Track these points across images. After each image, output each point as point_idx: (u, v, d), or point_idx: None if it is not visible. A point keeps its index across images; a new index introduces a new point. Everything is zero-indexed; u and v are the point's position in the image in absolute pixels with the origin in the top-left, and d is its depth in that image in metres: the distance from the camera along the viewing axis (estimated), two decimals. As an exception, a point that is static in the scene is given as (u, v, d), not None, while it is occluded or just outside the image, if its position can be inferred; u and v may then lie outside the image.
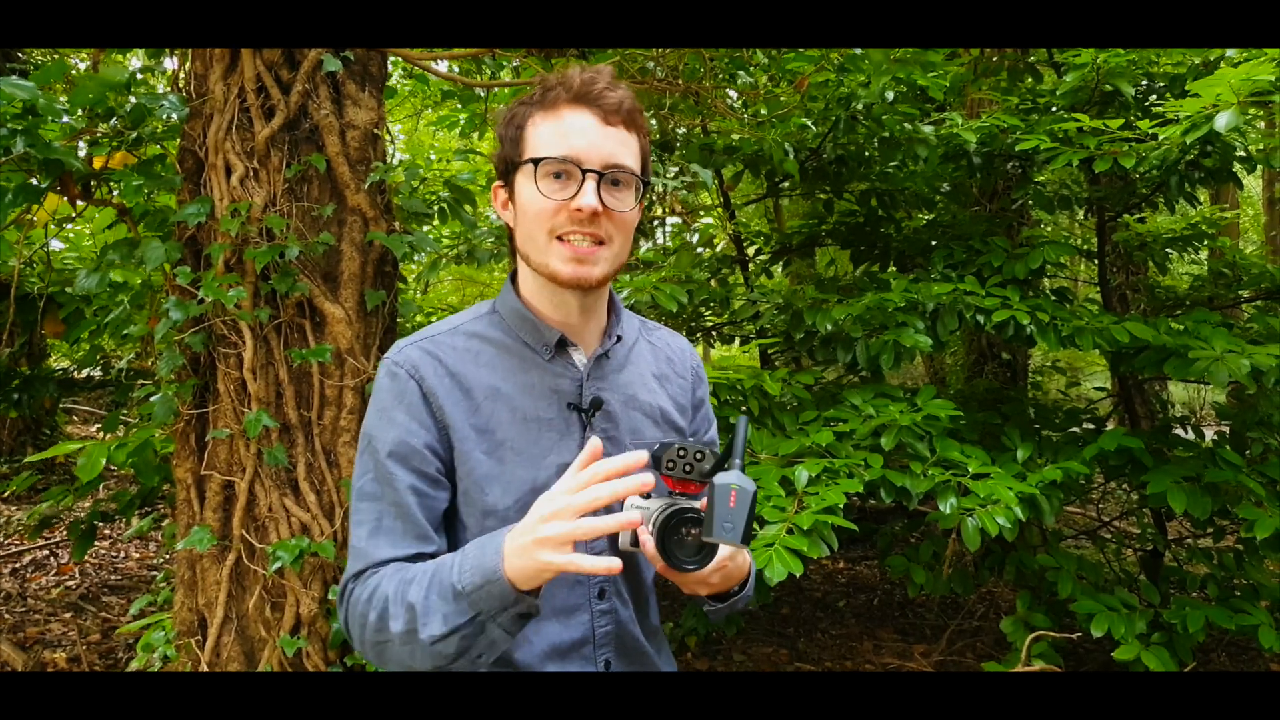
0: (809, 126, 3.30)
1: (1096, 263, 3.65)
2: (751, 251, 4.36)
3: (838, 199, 3.85)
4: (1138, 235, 3.82)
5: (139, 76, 2.33)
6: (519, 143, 1.07)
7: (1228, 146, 2.85)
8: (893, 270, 3.69)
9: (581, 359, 1.12)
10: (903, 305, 2.79)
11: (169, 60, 2.91)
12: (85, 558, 4.16)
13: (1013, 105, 3.33)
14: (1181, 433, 3.20)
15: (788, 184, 3.87)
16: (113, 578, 4.21)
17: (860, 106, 3.15)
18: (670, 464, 1.04)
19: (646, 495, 1.08)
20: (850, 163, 3.54)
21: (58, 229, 2.93)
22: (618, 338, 1.15)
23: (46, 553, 4.49)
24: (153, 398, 2.35)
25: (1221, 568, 2.86)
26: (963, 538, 2.30)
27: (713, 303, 3.66)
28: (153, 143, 2.38)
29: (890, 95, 3.02)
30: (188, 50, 2.41)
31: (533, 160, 1.03)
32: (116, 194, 2.43)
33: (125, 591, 3.99)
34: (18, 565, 4.34)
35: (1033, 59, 3.86)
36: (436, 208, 2.78)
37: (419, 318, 3.48)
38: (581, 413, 1.10)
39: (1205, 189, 3.97)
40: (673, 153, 3.50)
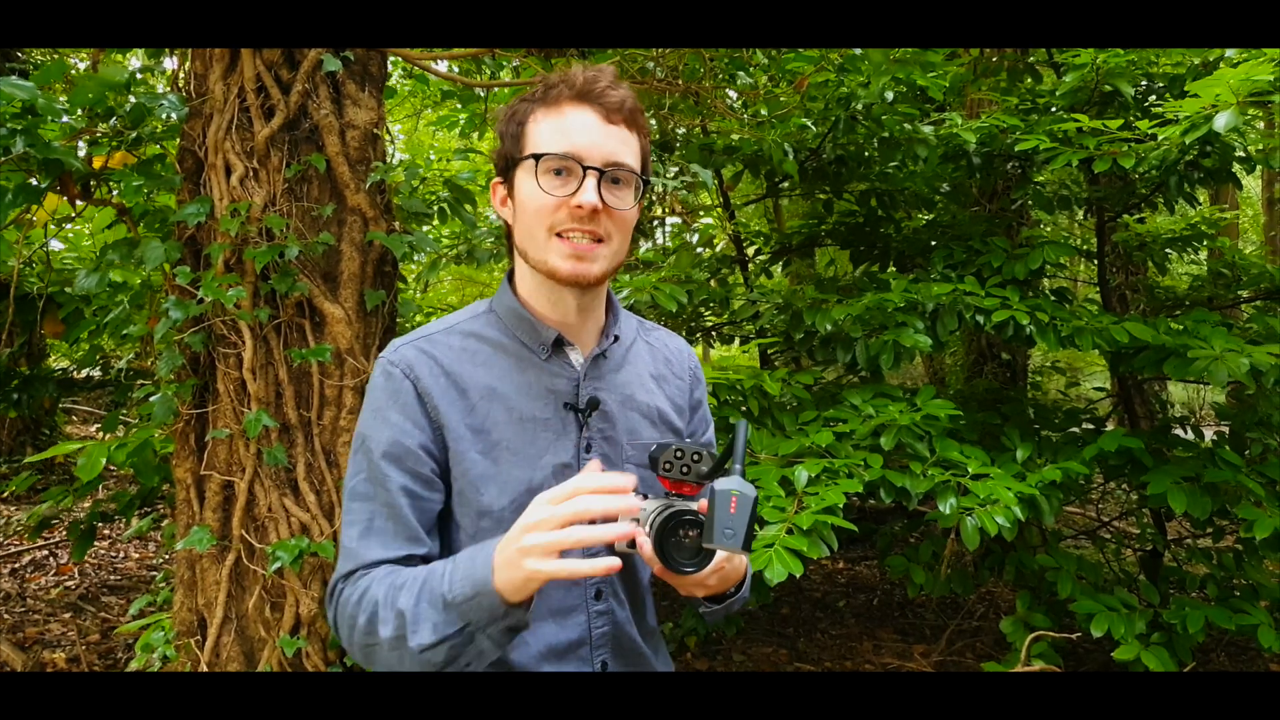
0: (809, 127, 3.30)
1: (1096, 263, 3.65)
2: (751, 251, 4.36)
3: (837, 199, 3.85)
4: (1137, 235, 3.82)
5: (138, 76, 2.33)
6: (520, 139, 1.07)
7: (1227, 147, 2.85)
8: (892, 270, 3.69)
9: (578, 358, 1.12)
10: (902, 305, 2.79)
11: (168, 60, 2.91)
12: (84, 558, 4.15)
13: (1012, 105, 3.33)
14: (1181, 433, 3.20)
15: (787, 184, 3.87)
16: (112, 578, 4.21)
17: (860, 106, 3.15)
18: (667, 465, 1.04)
19: (643, 496, 1.08)
20: (850, 163, 3.54)
21: (57, 229, 2.92)
22: (615, 337, 1.14)
23: (46, 553, 4.49)
24: (152, 398, 2.35)
25: (1221, 568, 2.86)
26: (962, 537, 2.30)
27: (712, 303, 3.66)
28: (152, 142, 2.37)
29: (890, 95, 3.02)
30: (187, 50, 2.41)
31: (534, 156, 1.03)
32: (116, 194, 2.43)
33: (125, 592, 3.99)
34: (17, 565, 4.33)
35: (1032, 59, 3.86)
36: (436, 208, 2.78)
37: (419, 317, 3.48)
38: (578, 412, 1.10)
39: (1204, 189, 3.97)
40: (672, 153, 3.50)
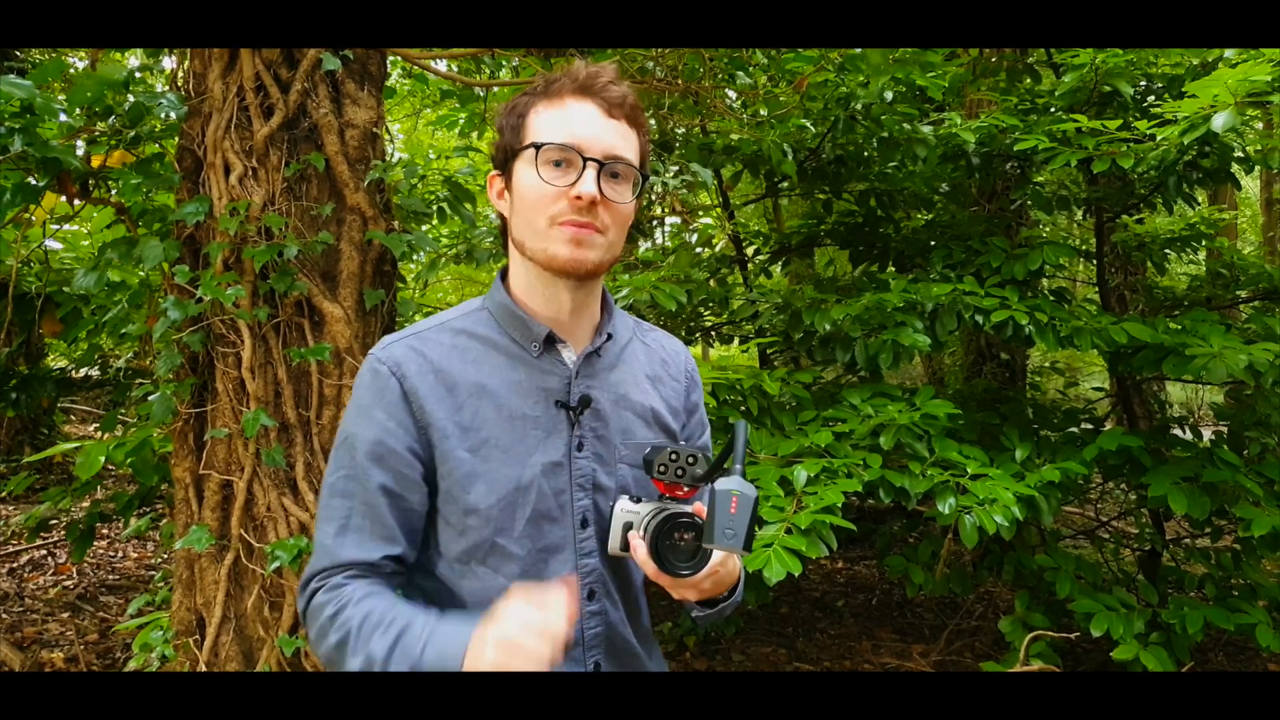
0: (808, 127, 3.29)
1: (1095, 263, 3.66)
2: (750, 251, 4.36)
3: (836, 199, 3.85)
4: (1136, 236, 3.83)
5: (137, 75, 2.32)
6: (520, 130, 1.07)
7: (1225, 147, 2.85)
8: (891, 270, 3.69)
9: (571, 356, 1.11)
10: (901, 305, 2.79)
11: (167, 59, 2.91)
12: (83, 558, 4.15)
13: (1011, 105, 3.33)
14: (1179, 433, 3.21)
15: (786, 184, 3.87)
16: (110, 578, 4.21)
17: (859, 106, 3.15)
18: (662, 468, 1.04)
19: (636, 500, 1.08)
20: (849, 163, 3.54)
21: (56, 228, 2.92)
22: (608, 335, 1.14)
23: (44, 552, 4.49)
24: (151, 397, 2.34)
25: (1219, 567, 2.86)
26: (960, 536, 2.30)
27: (712, 302, 3.67)
28: (151, 141, 2.37)
29: (889, 95, 3.02)
30: (186, 49, 2.40)
31: (534, 145, 1.03)
32: (115, 193, 2.42)
33: (123, 591, 3.98)
34: (15, 565, 4.33)
35: (1031, 59, 3.86)
36: (435, 207, 2.78)
37: (418, 317, 3.47)
38: (569, 410, 1.09)
39: (1203, 189, 3.97)
40: (672, 152, 3.50)
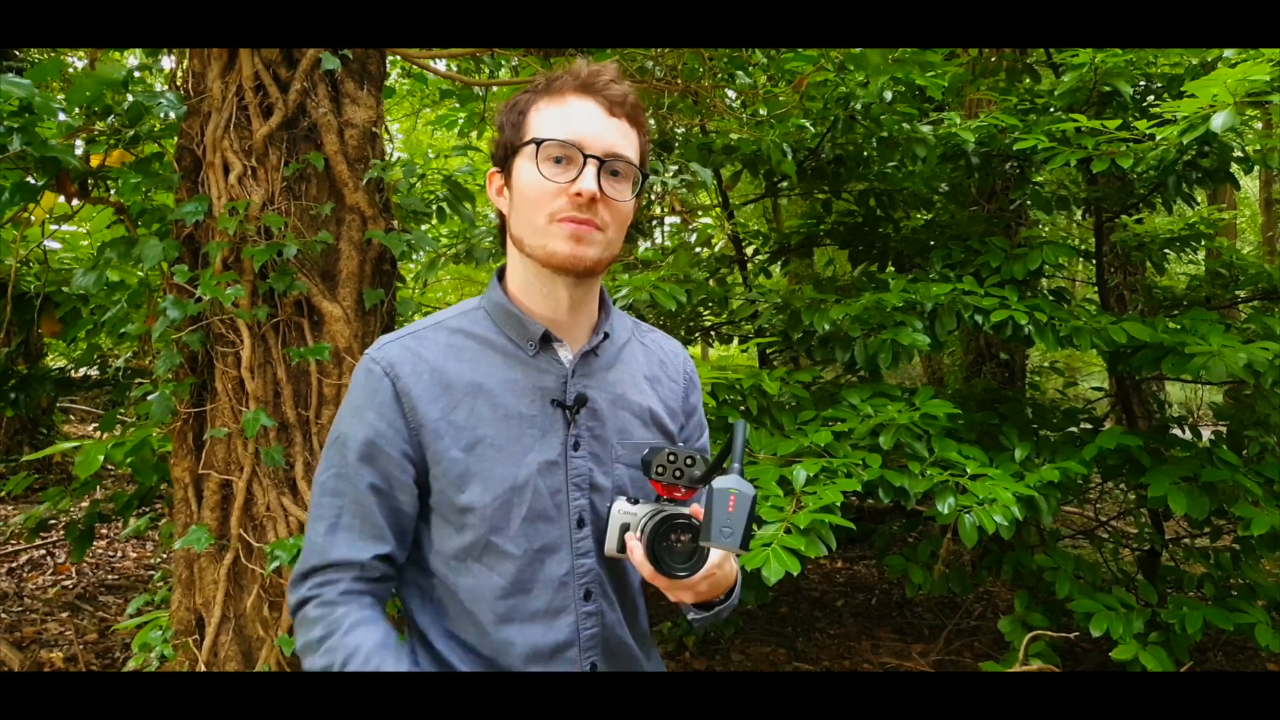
0: (807, 126, 3.29)
1: (1094, 263, 3.66)
2: (750, 251, 4.37)
3: (836, 199, 3.85)
4: (1135, 235, 3.83)
5: (136, 74, 2.32)
6: (521, 126, 1.07)
7: (1225, 147, 2.85)
8: (891, 270, 3.69)
9: (568, 355, 1.11)
10: (901, 305, 2.79)
11: (166, 58, 2.91)
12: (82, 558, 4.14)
13: (1011, 105, 3.33)
14: (1179, 432, 3.21)
15: (786, 184, 3.87)
16: (110, 577, 4.20)
17: (859, 106, 3.15)
18: (660, 469, 1.03)
19: (634, 501, 1.07)
20: (848, 162, 3.54)
21: (55, 228, 2.92)
22: (605, 335, 1.13)
23: (43, 552, 4.49)
24: (150, 397, 2.34)
25: (1218, 567, 2.86)
26: (960, 535, 2.31)
27: (711, 302, 3.67)
28: (150, 141, 2.37)
29: (889, 95, 3.02)
30: (185, 49, 2.40)
31: (535, 141, 1.03)
32: (114, 192, 2.42)
33: (122, 591, 3.98)
34: (14, 565, 4.33)
35: (1031, 59, 3.86)
36: (435, 206, 2.78)
37: (417, 316, 3.47)
38: (565, 409, 1.09)
39: (1202, 189, 3.97)
40: (671, 152, 3.50)
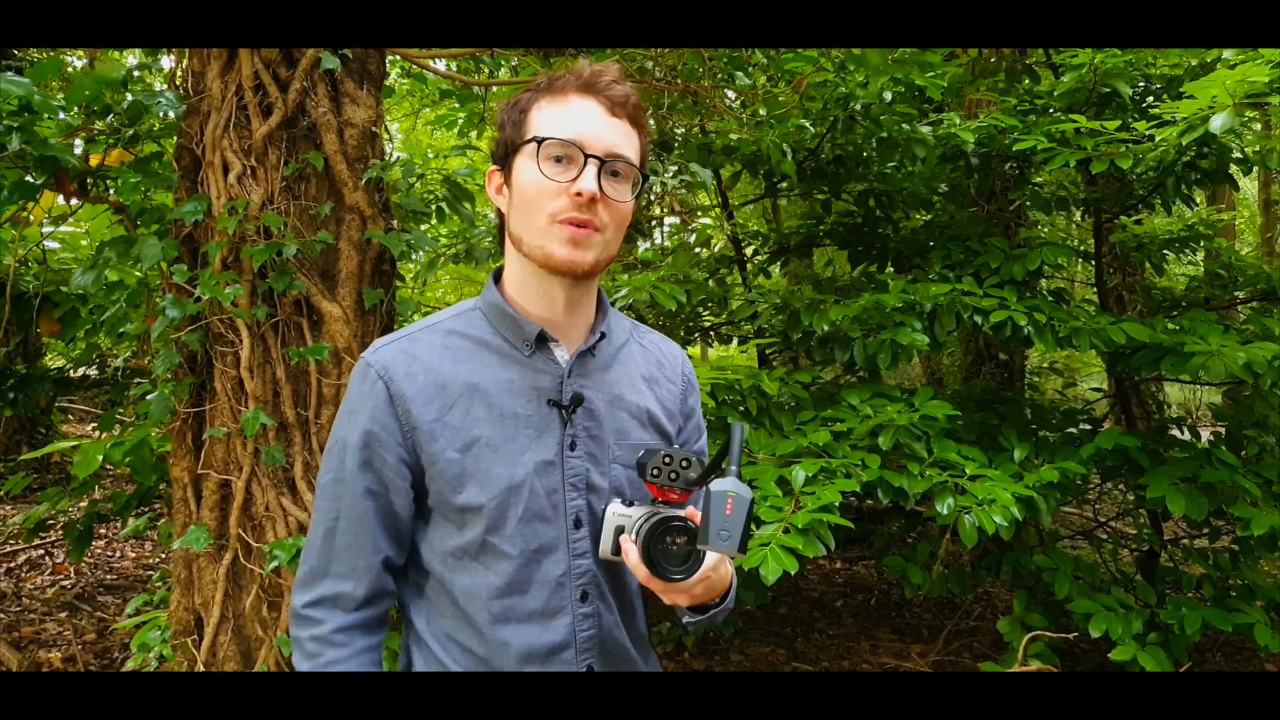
0: (807, 127, 3.30)
1: (1093, 264, 3.66)
2: (749, 251, 4.37)
3: (835, 199, 3.86)
4: (1134, 236, 3.83)
5: (135, 74, 2.31)
6: (522, 125, 1.07)
7: (1224, 148, 2.86)
8: (890, 271, 3.69)
9: (564, 355, 1.10)
10: (900, 306, 2.79)
11: (166, 58, 2.91)
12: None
13: (1010, 106, 3.33)
14: (1178, 433, 3.21)
15: (786, 184, 3.87)
16: (108, 577, 4.20)
17: (858, 107, 3.15)
18: (655, 471, 1.03)
19: (629, 503, 1.06)
20: (848, 163, 3.54)
21: (54, 227, 2.91)
22: (601, 334, 1.13)
23: (42, 552, 4.48)
24: (149, 396, 2.34)
25: (1217, 568, 2.87)
26: (960, 535, 2.31)
27: (711, 303, 3.67)
28: (150, 140, 2.37)
29: (888, 96, 3.03)
30: (185, 48, 2.40)
31: (536, 139, 1.03)
32: (113, 192, 2.42)
33: (121, 591, 3.98)
34: (13, 565, 4.32)
35: (1030, 60, 3.86)
36: (434, 206, 2.77)
37: (416, 316, 3.47)
38: (562, 409, 1.08)
39: (1201, 190, 3.98)
40: (671, 152, 3.50)
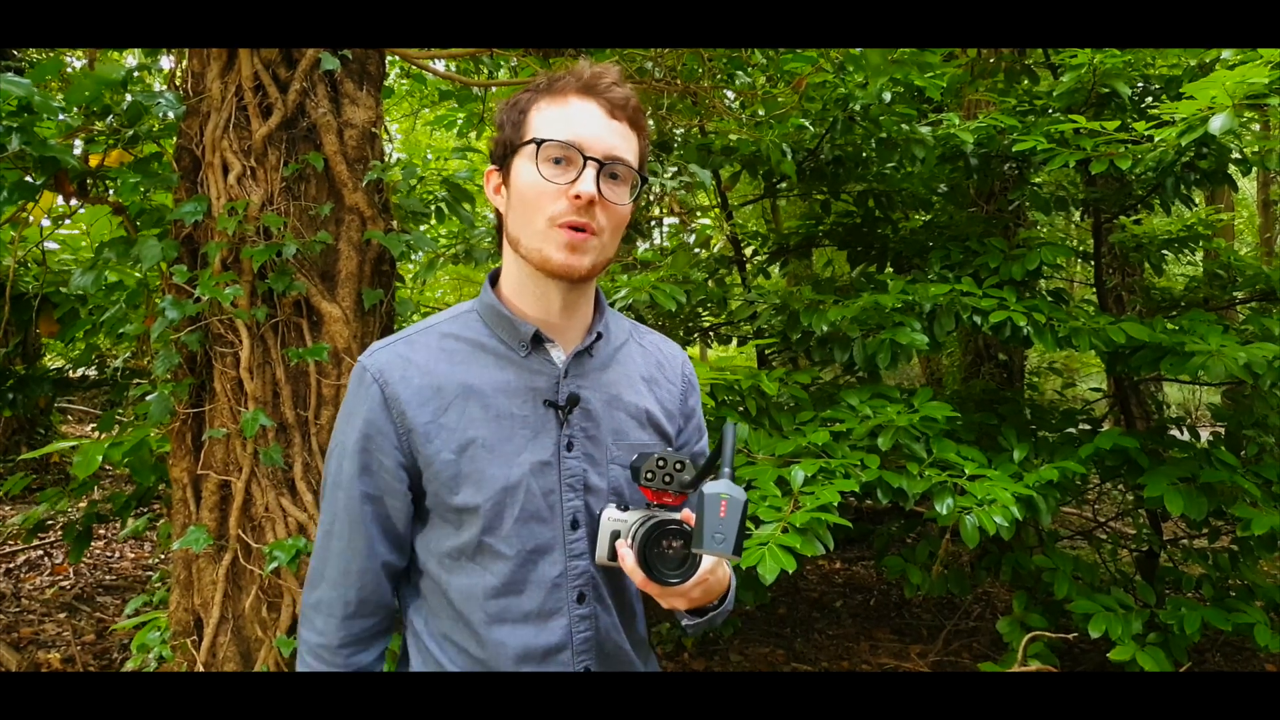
0: (806, 127, 3.30)
1: (1093, 264, 3.66)
2: (749, 252, 4.37)
3: (835, 200, 3.85)
4: (1134, 237, 3.83)
5: (135, 74, 2.31)
6: (521, 126, 1.06)
7: (1223, 149, 2.86)
8: (889, 271, 3.69)
9: (560, 356, 1.10)
10: (899, 306, 2.79)
11: (166, 58, 2.91)
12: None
13: (1009, 106, 3.33)
14: (1177, 433, 3.21)
15: (785, 184, 3.87)
16: (108, 578, 4.20)
17: (858, 107, 3.15)
18: (649, 474, 1.02)
19: (624, 508, 1.06)
20: (847, 163, 3.54)
21: (53, 228, 2.91)
22: (598, 334, 1.13)
23: (41, 553, 4.48)
24: (148, 397, 2.34)
25: (1216, 568, 2.87)
26: (961, 535, 2.31)
27: (710, 303, 3.67)
28: (149, 141, 2.36)
29: (888, 96, 3.03)
30: (185, 49, 2.40)
31: (535, 141, 1.03)
32: (113, 192, 2.42)
33: (120, 592, 3.98)
34: (12, 565, 4.32)
35: (1029, 60, 3.87)
36: (434, 207, 2.77)
37: (416, 317, 3.47)
38: (558, 410, 1.08)
39: (1200, 191, 3.98)
40: (670, 153, 3.50)
